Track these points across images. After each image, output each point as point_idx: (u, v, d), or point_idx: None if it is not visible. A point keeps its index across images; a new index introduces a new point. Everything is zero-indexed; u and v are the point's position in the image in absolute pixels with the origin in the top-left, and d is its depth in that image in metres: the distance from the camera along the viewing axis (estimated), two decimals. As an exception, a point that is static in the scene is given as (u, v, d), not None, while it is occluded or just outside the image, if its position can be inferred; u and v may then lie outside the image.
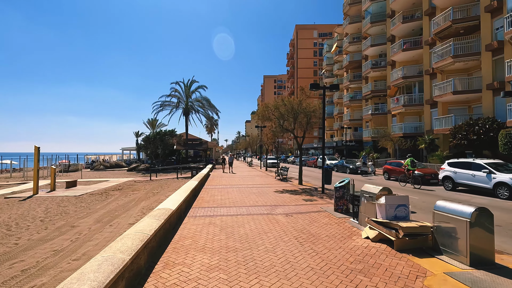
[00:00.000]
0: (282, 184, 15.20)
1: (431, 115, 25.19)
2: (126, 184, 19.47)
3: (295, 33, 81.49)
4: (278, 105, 14.25)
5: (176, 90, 36.27)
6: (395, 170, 18.43)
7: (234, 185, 15.08)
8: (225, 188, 13.60)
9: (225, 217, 7.48)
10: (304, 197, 10.93)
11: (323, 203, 9.53)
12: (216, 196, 11.22)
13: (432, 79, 24.90)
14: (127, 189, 16.68)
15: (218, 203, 9.56)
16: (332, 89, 11.83)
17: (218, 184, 15.57)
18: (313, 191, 12.66)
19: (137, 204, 11.99)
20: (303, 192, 12.13)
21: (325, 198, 10.57)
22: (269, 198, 10.57)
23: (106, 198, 13.70)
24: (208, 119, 42.37)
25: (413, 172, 15.15)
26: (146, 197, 13.75)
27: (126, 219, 9.32)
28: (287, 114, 14.04)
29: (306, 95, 13.93)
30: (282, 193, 11.88)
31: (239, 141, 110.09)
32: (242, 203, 9.56)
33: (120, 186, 18.10)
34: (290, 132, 14.64)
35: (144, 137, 32.35)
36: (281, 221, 7.02)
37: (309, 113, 13.84)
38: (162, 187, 17.26)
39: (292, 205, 9.28)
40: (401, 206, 5.55)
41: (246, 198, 10.70)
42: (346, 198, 7.82)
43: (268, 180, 17.51)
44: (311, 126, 15.18)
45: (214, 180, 17.47)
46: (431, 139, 23.10)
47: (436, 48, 22.89)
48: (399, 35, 29.11)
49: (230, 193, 11.90)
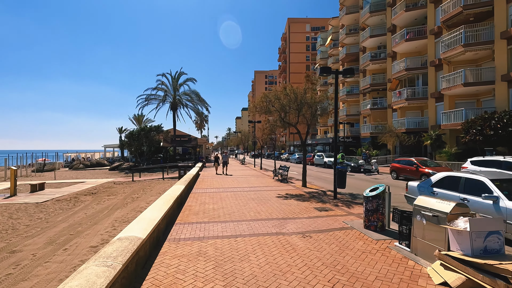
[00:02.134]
0: (282, 187, 13.23)
1: (436, 110, 23.73)
2: (104, 186, 17.08)
3: (287, 26, 79.42)
4: (280, 95, 12.20)
5: (162, 83, 33.68)
6: (405, 169, 16.76)
7: (228, 188, 13.00)
8: (217, 193, 11.51)
9: (220, 241, 5.42)
10: (315, 204, 8.98)
11: (342, 214, 7.59)
12: (207, 204, 9.12)
13: (438, 71, 23.38)
14: (102, 193, 14.35)
15: (210, 216, 7.47)
16: (346, 74, 9.88)
17: (209, 186, 13.46)
18: (322, 195, 10.74)
19: (110, 214, 9.76)
20: (311, 198, 10.18)
21: (341, 207, 8.64)
22: (273, 207, 8.55)
23: (73, 206, 11.38)
24: (198, 115, 39.98)
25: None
26: (123, 204, 11.51)
27: (89, 239, 7.12)
28: (290, 105, 12.02)
29: (311, 83, 11.92)
30: (286, 199, 9.90)
31: (229, 137, 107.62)
32: (240, 215, 7.51)
33: (96, 189, 15.72)
34: (293, 126, 12.65)
35: (128, 133, 29.71)
36: (299, 248, 5.02)
37: (316, 104, 11.86)
38: (144, 190, 15.01)
39: (304, 217, 7.30)
40: (493, 233, 3.64)
41: (244, 207, 8.66)
42: (382, 212, 5.89)
43: (266, 181, 15.51)
44: (316, 119, 13.25)
45: (205, 182, 15.34)
46: (438, 135, 21.60)
47: (443, 37, 21.30)
48: (401, 24, 27.46)
49: (224, 200, 9.83)
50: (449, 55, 20.66)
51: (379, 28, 32.09)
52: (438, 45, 23.33)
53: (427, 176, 14.92)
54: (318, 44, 56.89)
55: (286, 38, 79.57)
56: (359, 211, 7.92)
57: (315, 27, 77.11)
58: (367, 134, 32.70)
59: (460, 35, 19.53)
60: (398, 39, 26.74)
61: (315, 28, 76.74)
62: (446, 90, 21.03)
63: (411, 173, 16.19)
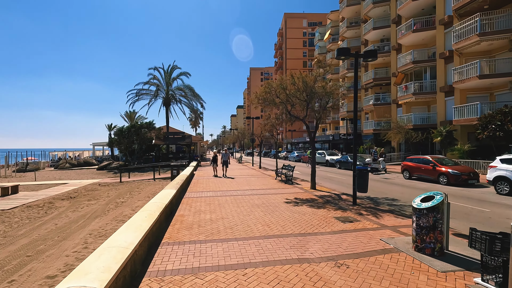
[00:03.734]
0: (288, 189, 11.67)
1: (446, 104, 22.41)
2: (86, 188, 15.31)
3: (283, 22, 77.76)
4: (286, 84, 10.60)
5: (154, 77, 31.79)
6: (419, 168, 15.34)
7: (227, 191, 11.38)
8: (214, 197, 9.90)
9: (223, 275, 3.82)
10: (334, 212, 7.43)
11: (374, 227, 6.05)
12: (203, 213, 7.50)
13: (448, 63, 22.05)
14: (82, 198, 12.60)
15: (207, 231, 5.87)
16: (368, 56, 8.34)
17: (205, 189, 11.83)
18: (338, 200, 9.20)
19: (85, 226, 8.08)
20: (326, 203, 8.63)
21: (366, 216, 7.10)
22: (284, 217, 6.98)
23: (44, 214, 9.65)
24: (192, 111, 38.16)
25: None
26: (104, 211, 9.81)
27: (49, 263, 5.45)
28: (297, 96, 10.44)
29: (323, 68, 10.34)
30: (297, 205, 8.33)
31: (225, 135, 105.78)
32: (246, 230, 5.92)
33: (76, 193, 13.96)
34: (301, 121, 11.08)
35: (117, 130, 27.78)
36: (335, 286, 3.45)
37: (327, 94, 10.30)
38: (131, 193, 13.30)
39: (327, 232, 5.74)
40: None
41: (249, 216, 7.06)
42: (440, 230, 4.35)
43: (268, 183, 13.93)
44: (326, 113, 11.71)
45: (200, 184, 13.70)
46: (449, 131, 20.27)
47: (455, 27, 19.91)
48: (406, 15, 26.04)
49: (223, 207, 8.22)
50: (462, 46, 19.29)
51: (382, 20, 30.66)
52: (448, 36, 21.99)
53: (446, 176, 13.54)
54: (316, 39, 55.39)
55: (283, 34, 77.94)
56: (392, 223, 6.39)
57: (312, 23, 75.60)
58: (369, 131, 31.33)
59: (475, 23, 18.14)
60: (404, 30, 25.32)
61: (312, 23, 75.25)
62: (458, 84, 19.67)
63: (426, 172, 14.78)
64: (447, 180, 13.48)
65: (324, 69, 10.50)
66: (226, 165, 17.17)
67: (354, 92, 8.57)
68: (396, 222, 6.45)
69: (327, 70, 10.96)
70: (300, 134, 66.12)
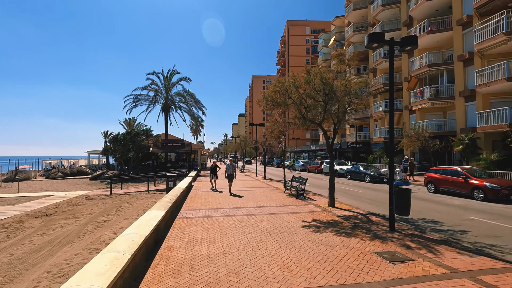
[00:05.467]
0: (302, 206, 9.85)
1: (466, 110, 20.69)
2: (70, 203, 13.52)
3: (286, 29, 77.20)
4: (300, 82, 8.93)
5: (153, 82, 30.37)
6: (447, 180, 13.50)
7: (229, 208, 9.58)
8: (214, 218, 8.10)
9: None
10: (371, 244, 5.62)
11: (441, 273, 4.22)
12: (198, 244, 5.71)
13: (467, 66, 20.44)
14: (61, 214, 10.81)
15: (202, 281, 4.06)
16: (406, 44, 6.70)
17: (203, 205, 10.03)
18: (368, 223, 7.38)
19: (47, 258, 6.28)
20: (355, 228, 6.81)
21: (417, 250, 5.28)
22: (307, 253, 5.18)
23: (5, 238, 7.84)
24: (193, 118, 36.61)
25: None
26: (78, 235, 8.02)
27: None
28: (313, 96, 8.75)
29: (343, 63, 8.68)
30: (319, 231, 6.53)
31: (226, 143, 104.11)
32: (258, 277, 4.12)
33: (56, 208, 12.17)
34: (317, 125, 9.38)
35: (111, 137, 26.12)
36: None
37: (351, 94, 8.62)
38: (118, 210, 11.51)
39: (377, 282, 3.93)
40: None
41: (259, 251, 5.26)
42: None
43: (276, 197, 12.12)
44: (345, 118, 10.00)
45: (198, 198, 11.90)
46: (472, 139, 18.49)
47: (477, 26, 18.38)
48: (419, 17, 24.63)
49: (224, 234, 6.42)
50: (485, 46, 17.73)
51: (392, 22, 29.34)
52: (467, 37, 20.48)
53: (482, 190, 11.70)
54: (320, 46, 54.28)
55: (285, 41, 77.22)
56: (461, 264, 4.57)
57: (315, 30, 74.88)
58: (380, 139, 29.57)
59: (501, 21, 16.59)
60: (418, 33, 23.85)
61: (315, 31, 74.50)
62: (482, 87, 18.00)
63: (456, 185, 12.93)
64: (483, 195, 11.63)
65: (346, 64, 8.79)
66: (231, 179, 13.55)
67: (389, 87, 6.90)
68: (465, 263, 4.63)
69: (350, 65, 9.25)
70: (303, 143, 64.39)
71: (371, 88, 9.51)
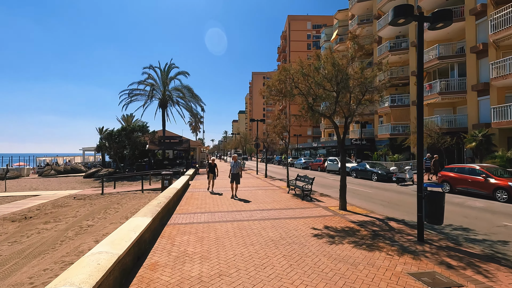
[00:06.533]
0: (310, 209, 8.81)
1: (479, 105, 19.60)
2: (55, 203, 12.48)
3: (287, 24, 75.73)
4: (308, 70, 7.85)
5: (149, 76, 29.21)
6: (464, 180, 12.45)
7: (227, 212, 8.55)
8: (210, 224, 7.06)
9: None
10: (401, 261, 4.57)
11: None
12: (189, 261, 4.66)
13: (480, 58, 19.32)
14: (42, 218, 9.77)
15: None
16: (437, 20, 5.64)
17: (199, 208, 9.00)
18: (390, 231, 6.34)
19: (10, 275, 5.26)
20: (376, 238, 5.77)
21: (461, 270, 4.24)
22: (325, 274, 4.13)
23: (-31, 248, 6.81)
24: (192, 114, 35.53)
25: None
26: (54, 243, 6.98)
27: None
28: (325, 84, 7.68)
29: (359, 46, 7.60)
30: (334, 242, 5.49)
31: (226, 140, 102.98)
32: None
33: (39, 209, 11.14)
34: (328, 118, 8.33)
35: (106, 133, 25.04)
36: None
37: (367, 82, 7.55)
38: (106, 212, 10.47)
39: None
40: None
41: (264, 271, 4.22)
42: None
43: (280, 198, 11.08)
44: (359, 110, 8.92)
45: (194, 200, 10.87)
46: (486, 136, 17.43)
47: (493, 15, 17.23)
48: (428, 7, 23.42)
49: (221, 247, 5.38)
50: (502, 36, 16.62)
51: (398, 14, 28.10)
52: (480, 28, 19.35)
53: (506, 191, 10.66)
54: (322, 40, 53.05)
55: (286, 37, 75.84)
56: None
57: (316, 25, 73.51)
58: (385, 136, 28.49)
59: (520, 8, 15.47)
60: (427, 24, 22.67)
61: (317, 26, 73.13)
62: (498, 80, 16.90)
63: (475, 185, 11.89)
64: (507, 196, 10.59)
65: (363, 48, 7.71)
66: (236, 181, 11.10)
67: (417, 71, 5.82)
68: (532, 290, 3.59)
69: (368, 50, 8.14)
70: (304, 140, 63.31)
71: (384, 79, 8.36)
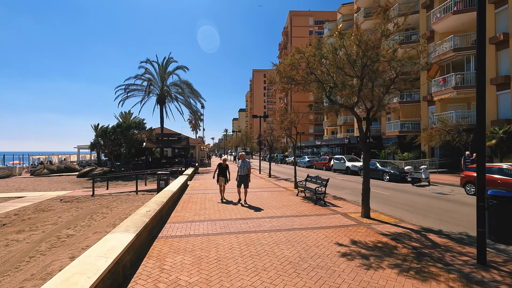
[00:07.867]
0: (326, 216, 7.56)
1: (498, 100, 18.31)
2: (38, 207, 11.23)
3: (288, 20, 74.27)
4: (327, 52, 6.58)
5: (147, 71, 27.90)
6: (493, 181, 11.13)
7: (230, 220, 7.30)
8: (210, 237, 5.81)
9: None
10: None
11: None
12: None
13: (500, 50, 18.01)
14: (17, 225, 8.51)
15: None
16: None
17: (197, 215, 7.75)
18: (433, 247, 5.08)
19: None
20: (421, 258, 4.51)
21: None
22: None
23: None
24: (192, 111, 34.20)
25: None
26: (22, 260, 5.73)
27: None
28: (346, 70, 6.42)
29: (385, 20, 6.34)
30: (372, 267, 4.23)
31: (226, 138, 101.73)
32: None
33: (17, 214, 9.88)
34: (349, 110, 7.08)
35: (100, 130, 23.77)
36: None
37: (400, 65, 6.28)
38: (93, 217, 9.22)
39: None
40: None
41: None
42: None
43: (289, 202, 9.82)
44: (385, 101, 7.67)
45: (192, 204, 9.62)
46: (508, 132, 16.16)
47: (516, 2, 15.93)
48: (441, -4, 22.13)
49: (225, 277, 4.12)
50: (527, 25, 15.29)
51: (407, 6, 26.78)
52: (500, 16, 18.03)
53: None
54: (325, 36, 51.55)
55: (288, 33, 74.43)
56: None
57: (319, 21, 72.03)
58: (393, 133, 27.22)
59: (550, -7, 14.15)
60: (441, 14, 21.37)
61: (319, 21, 71.68)
62: (522, 72, 15.61)
63: (506, 187, 10.63)
64: (547, 200, 9.32)
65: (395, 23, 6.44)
66: (244, 184, 9.49)
67: (477, 50, 4.54)
68: None
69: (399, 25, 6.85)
70: (306, 138, 61.97)
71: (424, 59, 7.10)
